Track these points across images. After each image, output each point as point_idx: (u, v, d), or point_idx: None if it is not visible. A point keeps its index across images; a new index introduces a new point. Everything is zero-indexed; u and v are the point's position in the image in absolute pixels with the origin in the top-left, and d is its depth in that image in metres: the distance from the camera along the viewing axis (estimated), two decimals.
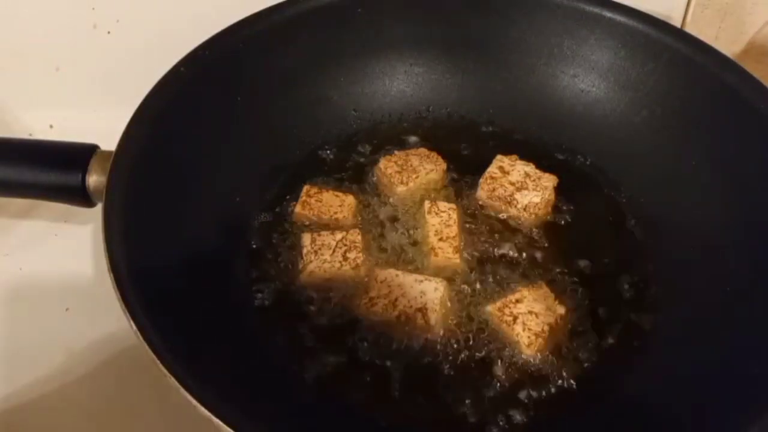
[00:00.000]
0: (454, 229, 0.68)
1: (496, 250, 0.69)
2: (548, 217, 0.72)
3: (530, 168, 0.74)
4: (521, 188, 0.72)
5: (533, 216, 0.71)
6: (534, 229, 0.70)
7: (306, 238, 0.67)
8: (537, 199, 0.71)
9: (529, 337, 0.61)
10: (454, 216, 0.69)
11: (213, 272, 0.63)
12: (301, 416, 0.56)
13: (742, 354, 0.57)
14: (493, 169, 0.74)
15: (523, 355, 0.61)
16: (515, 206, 0.71)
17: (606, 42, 0.76)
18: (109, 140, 0.63)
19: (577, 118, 0.79)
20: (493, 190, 0.72)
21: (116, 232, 0.55)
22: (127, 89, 0.64)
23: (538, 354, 0.61)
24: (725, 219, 0.66)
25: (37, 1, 0.79)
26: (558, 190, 0.73)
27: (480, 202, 0.72)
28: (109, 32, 0.82)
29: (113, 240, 0.54)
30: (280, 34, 0.74)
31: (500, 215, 0.72)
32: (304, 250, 0.66)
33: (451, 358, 0.61)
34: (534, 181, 0.72)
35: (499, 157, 0.75)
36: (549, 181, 0.73)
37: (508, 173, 0.73)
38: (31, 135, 0.83)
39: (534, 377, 0.60)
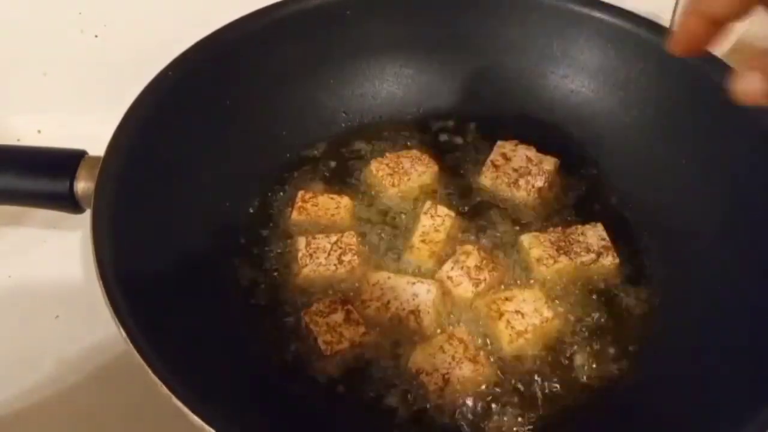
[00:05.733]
0: (440, 236, 0.68)
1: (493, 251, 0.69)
2: (553, 202, 0.73)
3: (531, 152, 0.75)
4: (524, 174, 0.73)
5: (538, 200, 0.72)
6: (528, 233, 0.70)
7: (301, 242, 0.67)
8: (540, 183, 0.72)
9: (510, 334, 0.61)
10: (447, 224, 0.69)
11: (204, 278, 0.63)
12: (297, 424, 0.56)
13: (738, 353, 0.57)
14: (495, 156, 0.74)
15: (504, 352, 0.61)
16: (519, 191, 0.72)
17: (595, 42, 0.76)
18: (97, 144, 0.63)
19: (567, 118, 0.79)
20: (497, 177, 0.73)
21: (105, 239, 0.54)
22: (115, 93, 0.64)
23: (520, 353, 0.61)
24: (718, 216, 0.67)
25: (23, 5, 0.79)
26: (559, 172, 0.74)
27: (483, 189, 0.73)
28: (96, 36, 0.81)
29: (102, 246, 0.54)
30: (269, 37, 0.73)
31: (499, 204, 0.72)
32: (299, 254, 0.66)
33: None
34: (536, 165, 0.73)
35: (500, 143, 0.75)
36: (550, 164, 0.74)
37: (510, 159, 0.74)
38: (19, 140, 0.82)
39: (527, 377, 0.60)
